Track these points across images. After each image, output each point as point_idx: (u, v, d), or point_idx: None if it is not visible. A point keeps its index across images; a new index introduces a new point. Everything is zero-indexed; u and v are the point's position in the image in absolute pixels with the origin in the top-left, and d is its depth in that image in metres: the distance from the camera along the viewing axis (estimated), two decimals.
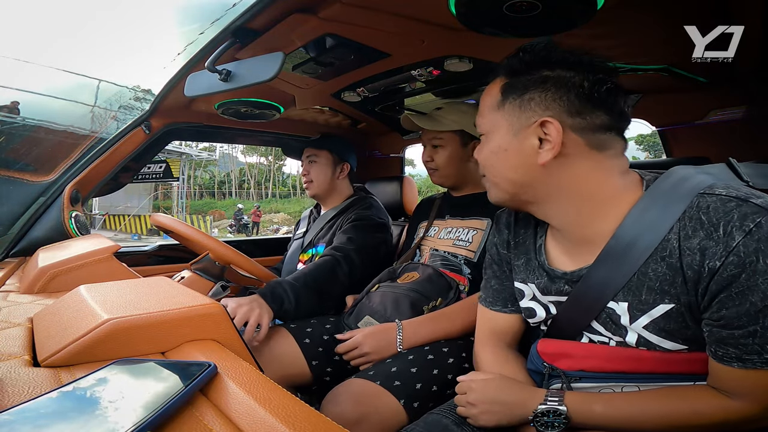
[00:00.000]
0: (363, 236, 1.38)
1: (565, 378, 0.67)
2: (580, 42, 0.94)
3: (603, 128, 0.60)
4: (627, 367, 0.63)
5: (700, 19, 0.80)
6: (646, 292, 0.58)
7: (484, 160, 0.68)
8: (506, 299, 0.79)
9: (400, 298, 1.11)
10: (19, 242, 1.37)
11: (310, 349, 1.11)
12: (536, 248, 0.73)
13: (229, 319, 0.57)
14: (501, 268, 0.80)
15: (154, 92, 1.50)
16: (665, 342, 0.58)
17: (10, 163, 1.52)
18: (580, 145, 0.60)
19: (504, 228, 0.80)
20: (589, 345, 0.67)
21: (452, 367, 0.97)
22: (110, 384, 0.40)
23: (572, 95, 0.59)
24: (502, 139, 0.64)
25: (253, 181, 32.01)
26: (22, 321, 0.64)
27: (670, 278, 0.55)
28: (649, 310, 0.58)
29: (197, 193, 30.22)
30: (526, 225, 0.76)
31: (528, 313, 0.74)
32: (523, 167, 0.63)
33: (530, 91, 0.61)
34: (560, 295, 0.68)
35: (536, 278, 0.72)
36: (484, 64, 1.12)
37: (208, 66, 0.87)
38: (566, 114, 0.59)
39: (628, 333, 0.61)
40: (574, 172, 0.61)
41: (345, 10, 0.84)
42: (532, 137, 0.61)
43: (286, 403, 0.39)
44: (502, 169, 0.65)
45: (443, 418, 0.72)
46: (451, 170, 1.29)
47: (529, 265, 0.73)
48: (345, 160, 1.60)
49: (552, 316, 0.71)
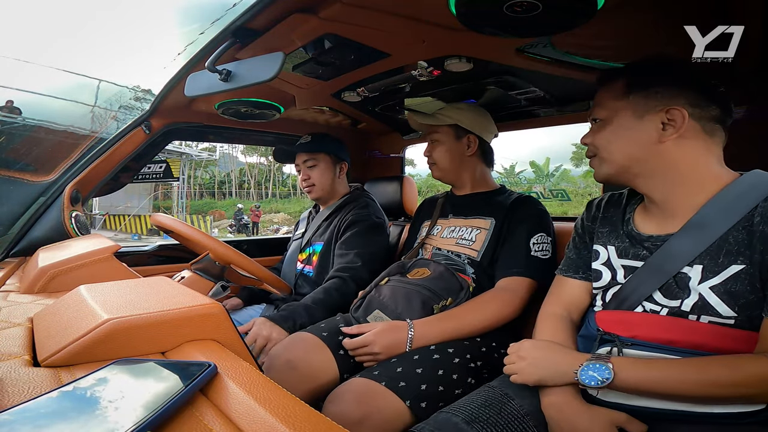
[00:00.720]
0: (366, 244, 1.40)
1: (619, 342, 0.73)
2: (581, 42, 0.94)
3: (714, 119, 0.74)
4: (680, 337, 0.69)
5: (700, 19, 0.80)
6: (724, 255, 0.67)
7: (602, 139, 0.80)
8: (578, 267, 0.91)
9: (412, 295, 1.10)
10: (19, 242, 1.37)
11: (345, 360, 1.05)
12: (624, 220, 0.84)
13: (230, 319, 0.57)
14: (582, 239, 0.93)
15: (154, 92, 1.50)
16: (722, 305, 0.65)
17: (9, 163, 1.52)
18: (697, 130, 0.73)
19: (594, 208, 0.93)
20: (646, 314, 0.74)
21: (457, 368, 0.97)
22: (110, 384, 0.40)
23: (693, 91, 0.73)
24: (625, 121, 0.77)
25: (253, 181, 32.00)
26: (22, 321, 0.64)
27: (747, 242, 0.65)
28: (721, 271, 0.67)
29: (197, 193, 30.23)
30: (617, 205, 0.88)
31: (596, 275, 0.84)
32: (643, 144, 0.75)
33: (655, 86, 0.75)
34: (636, 260, 0.78)
35: (617, 242, 0.83)
36: (484, 64, 1.12)
37: (209, 66, 0.86)
38: (688, 104, 0.73)
39: (690, 295, 0.69)
40: (686, 151, 0.73)
41: (345, 10, 0.84)
42: (656, 121, 0.74)
43: (286, 403, 0.39)
44: (624, 144, 0.77)
45: (453, 416, 0.72)
46: (447, 164, 1.33)
47: (613, 232, 0.85)
48: (343, 159, 1.60)
49: (617, 284, 0.80)
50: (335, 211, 1.55)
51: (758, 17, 0.78)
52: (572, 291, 0.91)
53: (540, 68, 1.08)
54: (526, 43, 0.97)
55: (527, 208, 1.21)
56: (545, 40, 0.94)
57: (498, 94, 1.39)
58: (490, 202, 1.27)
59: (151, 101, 1.49)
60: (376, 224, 1.47)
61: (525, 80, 1.26)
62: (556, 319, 0.88)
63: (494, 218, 1.21)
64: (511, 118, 1.65)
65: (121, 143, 1.51)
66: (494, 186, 1.36)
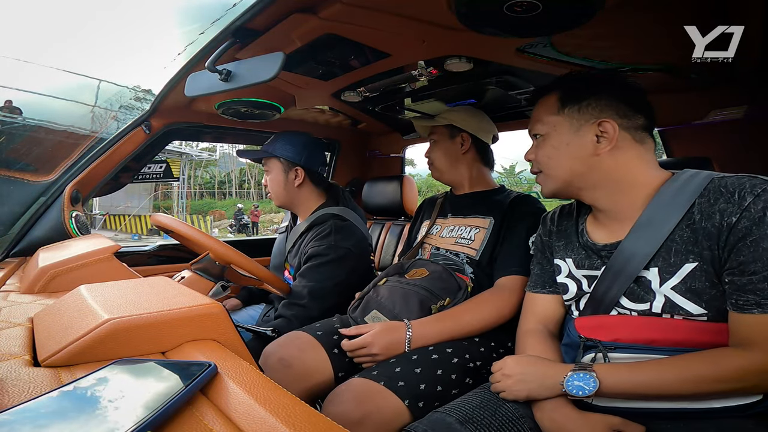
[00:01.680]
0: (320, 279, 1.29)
1: (603, 347, 0.74)
2: (580, 42, 0.94)
3: (641, 128, 0.77)
4: (659, 336, 0.70)
5: (700, 20, 0.80)
6: (674, 255, 0.69)
7: (543, 155, 0.82)
8: (545, 282, 0.93)
9: (410, 295, 1.10)
10: (19, 242, 1.37)
11: (339, 360, 1.05)
12: (578, 232, 0.86)
13: (229, 319, 0.57)
14: (543, 255, 0.95)
15: (154, 92, 1.50)
16: (689, 304, 0.67)
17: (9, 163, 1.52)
18: (628, 140, 0.76)
19: (549, 222, 0.95)
20: (623, 316, 0.75)
21: (456, 368, 0.97)
22: (110, 384, 0.40)
23: (621, 103, 0.76)
24: (564, 135, 0.79)
25: (253, 181, 31.96)
26: (22, 321, 0.64)
27: (693, 239, 0.67)
28: (676, 271, 0.68)
29: (198, 193, 30.18)
30: (569, 217, 0.91)
31: (563, 288, 0.86)
32: (582, 158, 0.78)
33: (586, 99, 0.77)
34: (593, 270, 0.80)
35: (574, 254, 0.85)
36: (484, 64, 1.12)
37: (209, 66, 0.87)
38: (617, 116, 0.76)
39: (656, 298, 0.70)
40: (622, 160, 0.76)
41: (345, 10, 0.84)
42: (590, 134, 0.77)
43: (286, 403, 0.39)
44: (564, 160, 0.79)
45: (447, 416, 0.73)
46: (442, 163, 1.34)
47: (569, 245, 0.87)
48: (296, 164, 1.40)
49: (585, 293, 0.81)
50: (305, 232, 1.42)
51: (758, 17, 0.78)
52: (545, 305, 0.92)
53: (540, 68, 1.08)
54: (526, 43, 0.97)
55: (526, 207, 1.21)
56: (545, 40, 0.94)
57: (498, 94, 1.39)
58: (489, 202, 1.27)
59: (151, 101, 1.49)
60: (336, 257, 1.31)
61: (525, 80, 1.27)
62: (535, 334, 0.89)
63: (493, 217, 1.21)
64: (511, 118, 1.65)
65: (121, 143, 1.51)
66: (493, 185, 1.36)
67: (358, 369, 1.04)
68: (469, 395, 0.81)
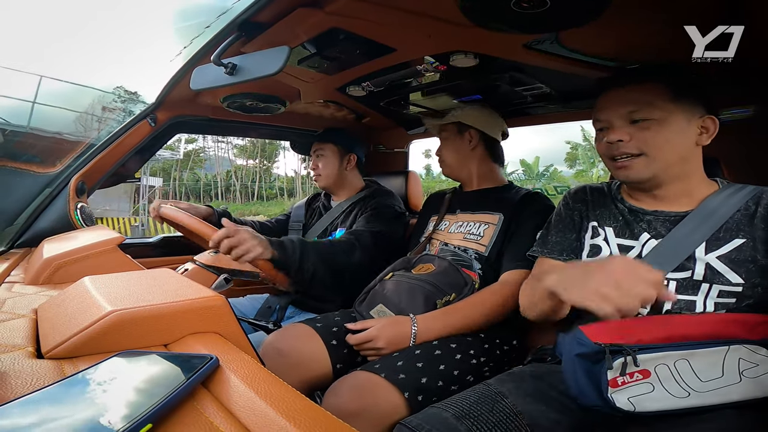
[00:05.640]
0: (382, 224, 1.41)
1: (629, 350, 0.67)
2: (589, 39, 0.93)
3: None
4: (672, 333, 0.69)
5: (710, 17, 0.78)
6: (725, 231, 0.76)
7: (654, 139, 0.81)
8: (563, 249, 0.94)
9: (415, 290, 1.10)
10: (24, 233, 1.38)
11: (337, 351, 1.06)
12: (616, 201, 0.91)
13: (232, 312, 0.58)
14: (566, 224, 0.95)
15: (141, 93, 1.51)
16: (730, 273, 0.73)
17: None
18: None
19: (581, 192, 0.97)
20: (638, 318, 0.75)
21: (459, 364, 0.97)
22: (113, 376, 0.40)
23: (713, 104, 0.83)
24: (680, 123, 0.81)
25: (239, 183, 32.05)
26: (26, 312, 0.64)
27: (746, 221, 0.76)
28: (724, 244, 0.75)
29: (183, 194, 30.26)
30: (601, 192, 0.95)
31: (594, 250, 0.88)
32: (689, 147, 0.82)
33: (693, 94, 0.82)
34: (632, 239, 0.84)
35: (613, 222, 0.88)
36: (490, 60, 1.12)
37: (214, 59, 0.86)
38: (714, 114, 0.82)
39: (696, 265, 0.75)
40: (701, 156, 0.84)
41: (350, 5, 0.84)
42: (695, 126, 0.82)
43: (287, 397, 0.39)
44: (678, 146, 0.81)
45: (443, 411, 0.72)
46: (451, 159, 1.36)
47: (607, 213, 0.90)
48: (351, 151, 1.62)
49: None
50: (357, 202, 1.57)
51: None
52: None
53: (547, 64, 1.07)
54: (532, 39, 0.96)
55: (536, 204, 1.21)
56: (552, 36, 0.93)
57: (504, 90, 1.38)
58: (498, 198, 1.27)
59: (136, 102, 1.50)
60: (397, 213, 1.51)
61: (531, 76, 1.25)
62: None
63: (502, 213, 1.21)
64: (516, 115, 1.64)
65: (126, 135, 1.52)
66: (503, 182, 1.36)
67: (357, 361, 1.05)
68: (468, 391, 0.80)
